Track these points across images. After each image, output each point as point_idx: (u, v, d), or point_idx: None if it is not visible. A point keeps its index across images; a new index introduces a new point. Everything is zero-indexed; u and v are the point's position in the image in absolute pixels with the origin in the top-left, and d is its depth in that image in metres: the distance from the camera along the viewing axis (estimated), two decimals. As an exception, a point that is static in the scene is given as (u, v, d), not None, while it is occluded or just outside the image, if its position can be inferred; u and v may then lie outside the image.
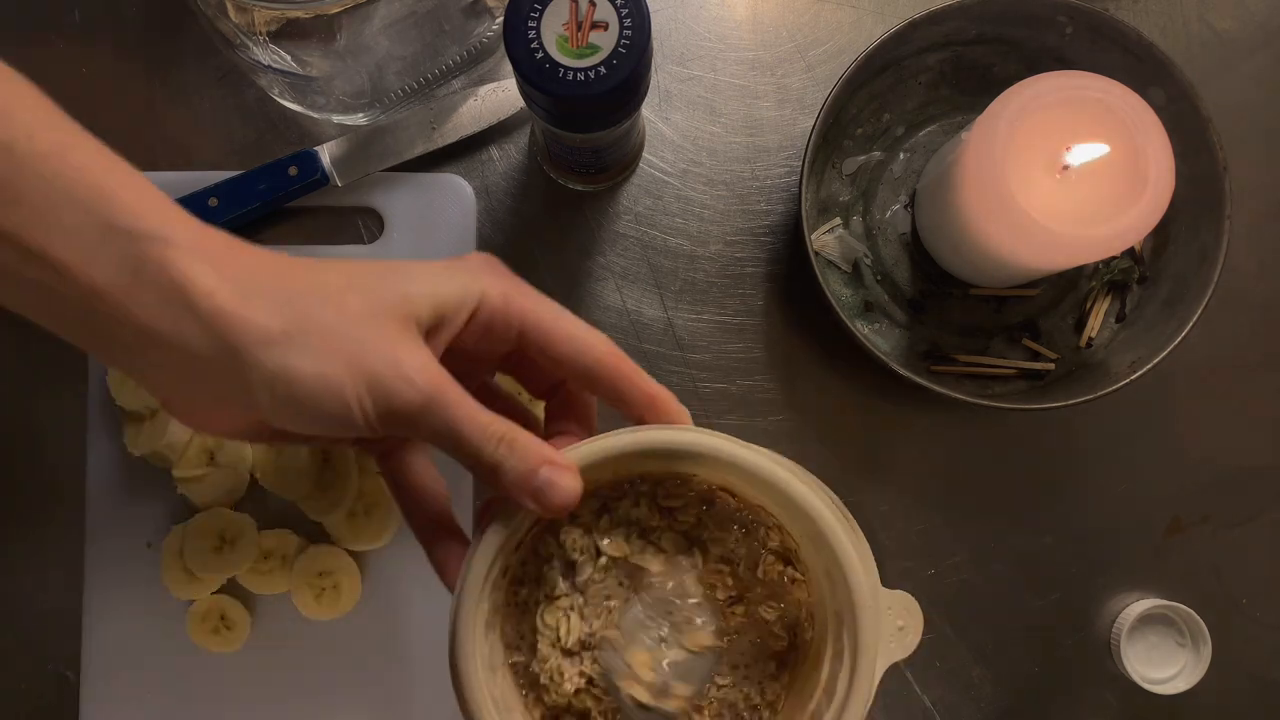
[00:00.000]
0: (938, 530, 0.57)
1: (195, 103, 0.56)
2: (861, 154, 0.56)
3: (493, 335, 0.39)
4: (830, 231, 0.56)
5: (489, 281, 0.38)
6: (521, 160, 0.57)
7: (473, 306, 0.38)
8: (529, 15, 0.41)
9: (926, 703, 0.57)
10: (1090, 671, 0.57)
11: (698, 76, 0.58)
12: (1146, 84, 0.51)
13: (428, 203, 0.56)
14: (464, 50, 0.54)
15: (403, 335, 0.36)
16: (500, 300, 0.38)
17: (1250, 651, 0.57)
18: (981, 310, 0.56)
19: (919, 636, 0.42)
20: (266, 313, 0.34)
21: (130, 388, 0.52)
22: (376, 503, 0.54)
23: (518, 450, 0.36)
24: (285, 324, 0.34)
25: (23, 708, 0.55)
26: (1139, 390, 0.52)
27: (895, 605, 0.41)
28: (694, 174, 0.57)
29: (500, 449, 0.36)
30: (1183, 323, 0.51)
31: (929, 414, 0.57)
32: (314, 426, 0.36)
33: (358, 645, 0.55)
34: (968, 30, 0.54)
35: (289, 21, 0.47)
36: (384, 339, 0.35)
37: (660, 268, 0.57)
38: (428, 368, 0.35)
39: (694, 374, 0.57)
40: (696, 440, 0.39)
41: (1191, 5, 0.59)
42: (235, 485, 0.54)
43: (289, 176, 0.54)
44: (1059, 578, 0.57)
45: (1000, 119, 0.46)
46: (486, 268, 0.39)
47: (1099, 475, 0.58)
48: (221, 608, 0.54)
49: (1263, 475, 0.58)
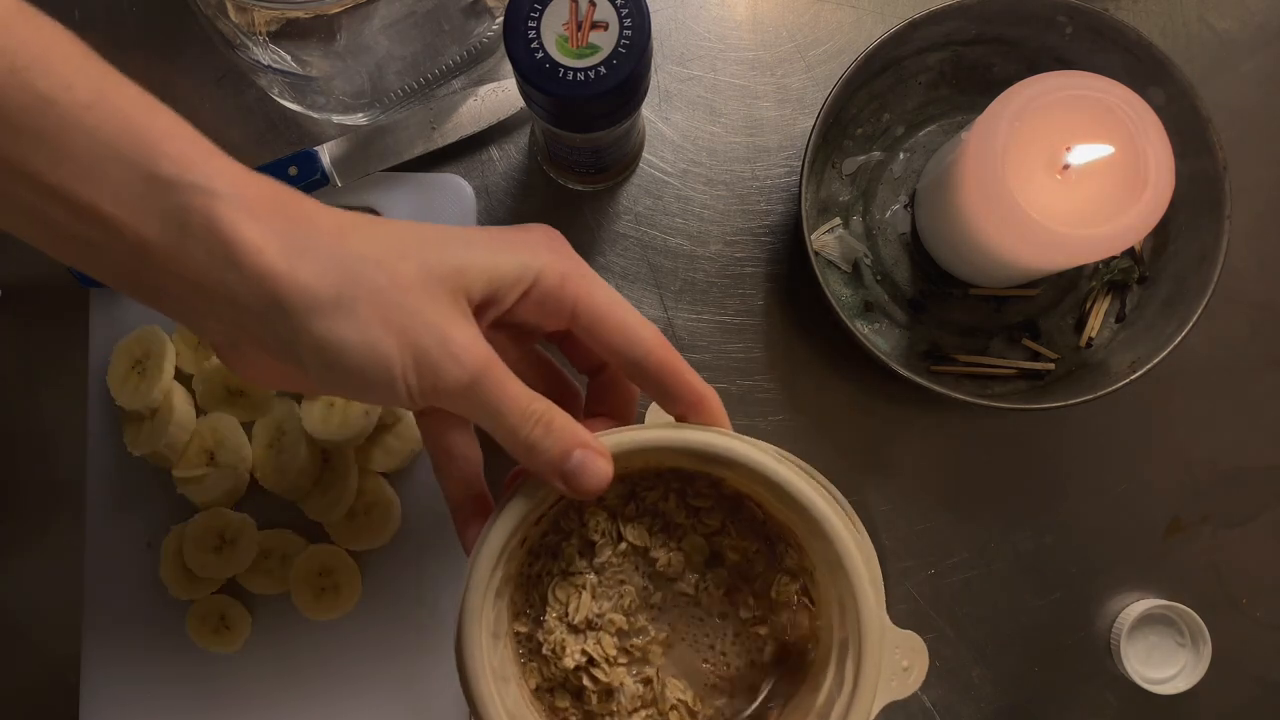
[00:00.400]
0: (938, 530, 0.57)
1: (195, 103, 0.56)
2: (861, 154, 0.56)
3: (545, 313, 0.38)
4: (830, 231, 0.56)
5: (548, 260, 0.38)
6: (521, 160, 0.57)
7: (528, 285, 0.37)
8: (529, 15, 0.41)
9: (926, 703, 0.57)
10: (1090, 671, 0.57)
11: (698, 76, 0.58)
12: (1146, 84, 0.51)
13: (428, 203, 0.56)
14: (464, 50, 0.54)
15: (453, 309, 0.35)
16: (557, 280, 0.38)
17: (1250, 651, 0.57)
18: (981, 310, 0.56)
19: (922, 678, 0.42)
20: (316, 274, 0.33)
21: (130, 387, 0.52)
22: (376, 503, 0.54)
23: (554, 432, 0.36)
24: (334, 289, 0.33)
25: (23, 708, 0.55)
26: (1139, 390, 0.52)
27: (903, 645, 0.41)
28: (694, 174, 0.57)
29: (536, 429, 0.36)
30: (1183, 323, 0.51)
31: (929, 414, 0.57)
32: (357, 395, 0.35)
33: (358, 645, 0.55)
34: (967, 30, 0.54)
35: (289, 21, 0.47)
36: (435, 312, 0.35)
37: (660, 268, 0.57)
38: (475, 345, 0.35)
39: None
40: (732, 447, 0.39)
41: (1191, 5, 0.59)
42: (235, 485, 0.53)
43: (289, 176, 0.54)
44: (1059, 578, 0.57)
45: (1000, 119, 0.46)
46: (548, 244, 0.39)
47: (1099, 475, 0.58)
48: (221, 608, 0.54)
49: (1263, 475, 0.58)
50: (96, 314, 0.55)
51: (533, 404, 0.36)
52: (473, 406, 0.36)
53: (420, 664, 0.55)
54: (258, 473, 0.54)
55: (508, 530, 0.39)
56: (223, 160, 0.34)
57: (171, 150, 0.32)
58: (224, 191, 0.32)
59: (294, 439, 0.52)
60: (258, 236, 0.32)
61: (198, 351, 0.54)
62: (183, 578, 0.53)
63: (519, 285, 0.37)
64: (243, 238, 0.32)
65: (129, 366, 0.52)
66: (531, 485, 0.39)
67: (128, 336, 0.53)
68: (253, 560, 0.53)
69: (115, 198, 0.32)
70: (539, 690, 0.43)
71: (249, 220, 0.32)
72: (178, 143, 0.33)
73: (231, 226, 0.32)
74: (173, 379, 0.53)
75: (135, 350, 0.53)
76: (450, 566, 0.55)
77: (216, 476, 0.53)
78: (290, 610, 0.54)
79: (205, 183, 0.32)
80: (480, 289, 0.36)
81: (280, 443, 0.53)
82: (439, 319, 0.35)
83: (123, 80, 0.33)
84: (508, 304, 0.37)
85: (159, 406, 0.52)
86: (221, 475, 0.53)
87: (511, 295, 0.37)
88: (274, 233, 0.33)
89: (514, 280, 0.37)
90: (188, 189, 0.32)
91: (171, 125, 0.33)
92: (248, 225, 0.32)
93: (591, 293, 0.38)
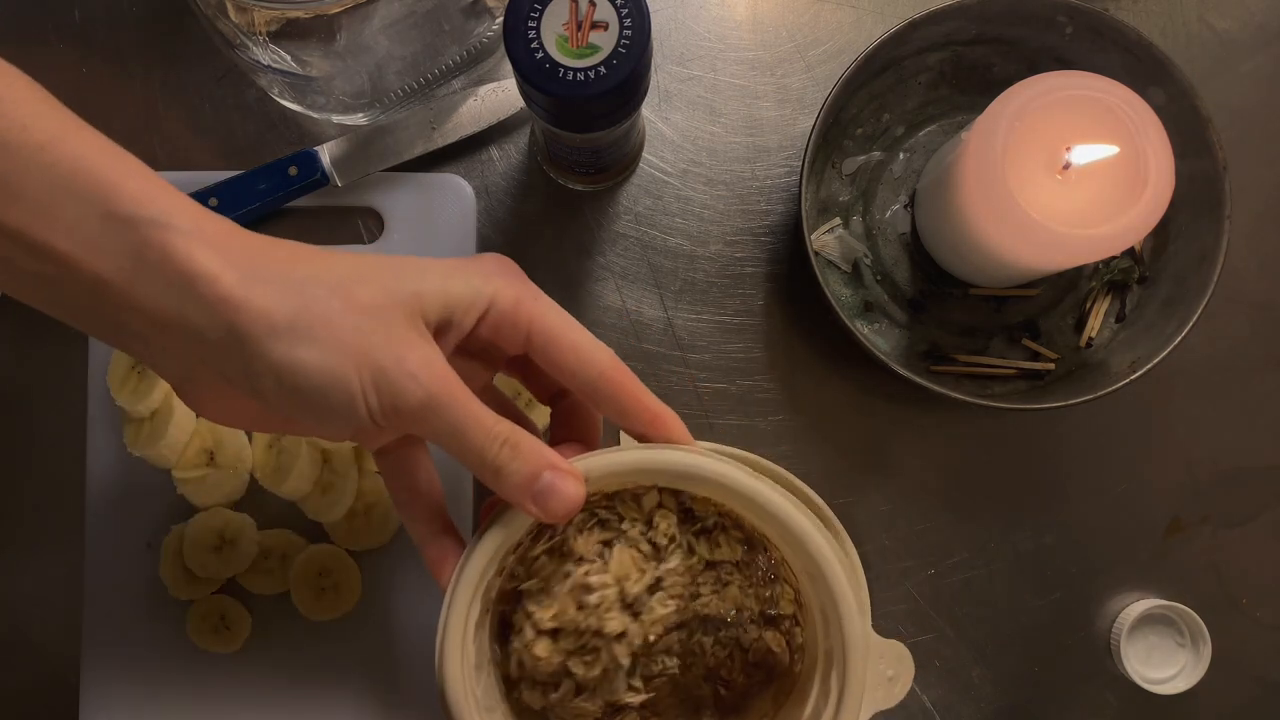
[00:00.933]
0: (938, 530, 0.57)
1: (195, 103, 0.56)
2: (861, 154, 0.56)
3: (500, 338, 0.38)
4: (830, 231, 0.56)
5: (500, 285, 0.38)
6: (521, 160, 0.57)
7: (483, 309, 0.37)
8: (529, 15, 0.41)
9: (926, 703, 0.57)
10: (1090, 671, 0.57)
11: (698, 76, 0.58)
12: (1146, 84, 0.51)
13: (428, 203, 0.56)
14: (464, 50, 0.54)
15: (409, 331, 0.35)
16: (511, 304, 0.38)
17: (1250, 651, 0.57)
18: (981, 310, 0.56)
19: (907, 688, 0.42)
20: (272, 299, 0.33)
21: (130, 387, 0.52)
22: (376, 503, 0.54)
23: (521, 453, 0.36)
24: (291, 312, 0.33)
25: (23, 708, 0.55)
26: (1139, 390, 0.52)
27: (887, 654, 0.41)
28: (694, 174, 0.57)
29: (504, 451, 0.36)
30: (1183, 323, 0.51)
31: (929, 414, 0.57)
32: (318, 418, 0.35)
33: (358, 645, 0.55)
34: (967, 30, 0.54)
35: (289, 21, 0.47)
36: (391, 334, 0.35)
37: (660, 268, 0.57)
38: (433, 365, 0.35)
39: (694, 374, 0.57)
40: (702, 464, 0.38)
41: (1191, 5, 0.59)
42: (235, 485, 0.53)
43: (289, 176, 0.54)
44: (1059, 578, 0.57)
45: (1000, 119, 0.46)
46: (500, 270, 0.39)
47: (1099, 475, 0.58)
48: (221, 608, 0.54)
49: (1263, 475, 0.58)
50: (96, 314, 0.55)
51: (497, 425, 0.36)
52: (434, 427, 0.36)
53: (420, 664, 0.55)
54: (258, 473, 0.54)
55: (484, 561, 0.38)
56: (179, 197, 0.34)
57: (129, 187, 0.33)
58: (180, 225, 0.33)
59: (294, 439, 0.52)
60: (215, 265, 0.33)
61: (198, 351, 0.54)
62: (183, 578, 0.53)
63: (474, 309, 0.37)
64: (200, 268, 0.33)
65: (129, 366, 0.52)
66: (509, 515, 0.38)
67: (128, 336, 0.53)
68: (253, 560, 0.53)
69: (70, 235, 0.32)
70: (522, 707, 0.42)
71: (206, 250, 0.33)
72: (134, 180, 0.33)
73: (188, 257, 0.33)
74: (173, 379, 0.53)
75: (135, 350, 0.53)
76: (450, 566, 0.55)
77: (216, 477, 0.53)
78: (290, 610, 0.54)
79: (162, 217, 0.33)
80: (436, 312, 0.36)
81: (280, 443, 0.53)
82: (396, 340, 0.35)
83: (81, 124, 0.34)
84: (466, 327, 0.37)
85: (159, 407, 0.52)
86: (221, 475, 0.53)
87: (468, 319, 0.37)
88: (230, 263, 0.33)
89: (469, 303, 0.37)
90: (144, 223, 0.33)
91: (127, 165, 0.34)
92: (205, 255, 0.33)
93: (545, 314, 0.38)
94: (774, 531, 0.40)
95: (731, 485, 0.38)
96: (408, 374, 0.35)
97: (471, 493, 0.55)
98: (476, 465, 0.36)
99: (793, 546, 0.39)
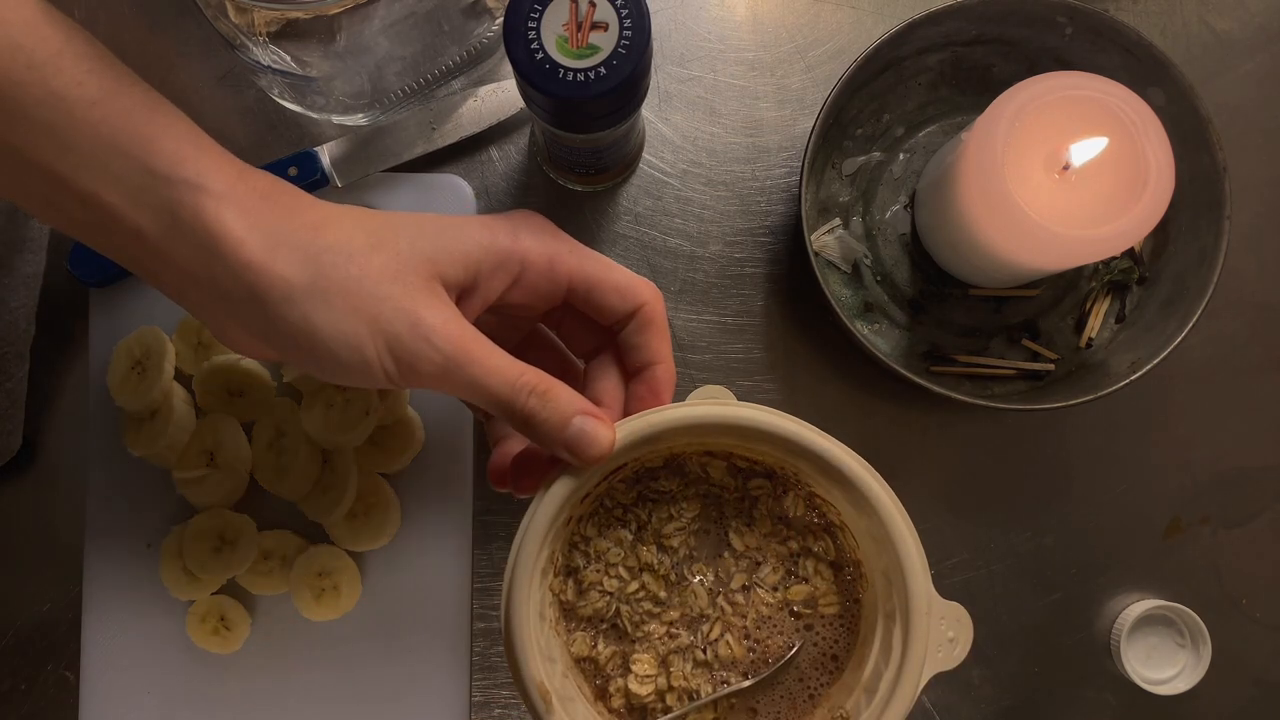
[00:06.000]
0: (938, 530, 0.57)
1: (195, 103, 0.56)
2: (861, 154, 0.56)
3: (539, 295, 0.39)
4: (830, 232, 0.56)
5: (530, 244, 0.39)
6: (521, 160, 0.57)
7: (514, 272, 0.38)
8: (529, 16, 0.41)
9: (926, 703, 0.57)
10: (1090, 671, 0.57)
11: (698, 77, 0.58)
12: (1146, 84, 0.51)
13: (428, 203, 0.56)
14: (464, 50, 0.54)
15: (426, 295, 0.36)
16: (545, 265, 0.39)
17: (1250, 651, 0.57)
18: (981, 310, 0.56)
19: (967, 650, 0.41)
20: (293, 266, 0.35)
21: (130, 388, 0.52)
22: (376, 503, 0.54)
23: (550, 402, 0.37)
24: (308, 278, 0.35)
25: (23, 708, 0.55)
26: (1139, 390, 0.52)
27: (948, 615, 0.41)
28: (694, 174, 0.57)
29: (531, 400, 0.37)
30: (1183, 323, 0.51)
31: (929, 414, 0.57)
32: (337, 377, 0.37)
33: (358, 645, 0.55)
34: (967, 30, 0.54)
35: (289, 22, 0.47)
36: (406, 298, 0.36)
37: (660, 268, 0.57)
38: (447, 326, 0.36)
39: (694, 374, 0.57)
40: (776, 423, 0.39)
41: (1191, 5, 0.59)
42: (235, 486, 0.53)
43: (289, 177, 0.54)
44: (1059, 578, 0.57)
45: (1000, 119, 0.46)
46: (530, 228, 0.39)
47: (1099, 475, 0.58)
48: (221, 608, 0.54)
49: (1263, 475, 0.58)
50: (96, 314, 0.55)
51: (523, 376, 0.37)
52: (456, 386, 0.36)
53: (420, 665, 0.55)
54: (258, 473, 0.54)
55: (554, 509, 0.38)
56: (218, 157, 0.35)
57: (168, 146, 0.34)
58: (214, 188, 0.34)
59: (294, 440, 0.52)
60: (241, 230, 0.34)
61: (197, 352, 0.54)
62: (183, 578, 0.53)
63: (502, 271, 0.38)
64: (227, 231, 0.34)
65: (129, 367, 0.52)
66: None
67: (128, 336, 0.53)
68: (253, 561, 0.53)
69: (115, 189, 0.34)
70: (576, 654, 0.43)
71: (235, 215, 0.34)
72: (174, 139, 0.34)
73: (217, 221, 0.34)
74: (172, 379, 0.53)
75: (135, 350, 0.53)
76: (450, 567, 0.55)
77: (216, 477, 0.53)
78: (290, 610, 0.54)
79: (196, 179, 0.34)
80: (457, 274, 0.37)
81: (280, 443, 0.53)
82: (410, 304, 0.36)
83: (134, 80, 0.35)
84: (494, 290, 0.38)
85: (159, 407, 0.52)
86: (221, 476, 0.53)
87: (495, 281, 0.38)
88: (256, 227, 0.34)
89: (494, 266, 0.38)
90: (180, 184, 0.34)
91: (171, 122, 0.35)
92: (233, 219, 0.34)
93: (582, 265, 0.39)
94: (840, 492, 0.40)
95: (805, 444, 0.39)
96: (422, 338, 0.35)
97: (471, 447, 0.55)
98: (508, 415, 0.37)
99: (859, 507, 0.40)
